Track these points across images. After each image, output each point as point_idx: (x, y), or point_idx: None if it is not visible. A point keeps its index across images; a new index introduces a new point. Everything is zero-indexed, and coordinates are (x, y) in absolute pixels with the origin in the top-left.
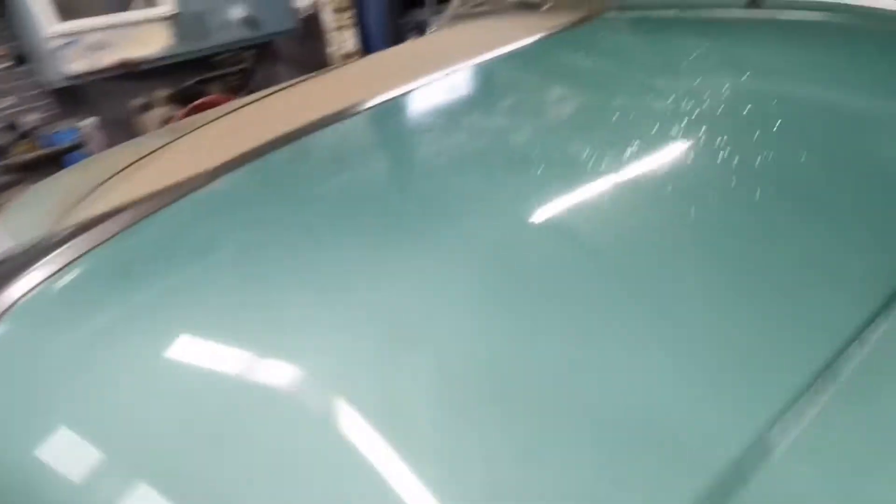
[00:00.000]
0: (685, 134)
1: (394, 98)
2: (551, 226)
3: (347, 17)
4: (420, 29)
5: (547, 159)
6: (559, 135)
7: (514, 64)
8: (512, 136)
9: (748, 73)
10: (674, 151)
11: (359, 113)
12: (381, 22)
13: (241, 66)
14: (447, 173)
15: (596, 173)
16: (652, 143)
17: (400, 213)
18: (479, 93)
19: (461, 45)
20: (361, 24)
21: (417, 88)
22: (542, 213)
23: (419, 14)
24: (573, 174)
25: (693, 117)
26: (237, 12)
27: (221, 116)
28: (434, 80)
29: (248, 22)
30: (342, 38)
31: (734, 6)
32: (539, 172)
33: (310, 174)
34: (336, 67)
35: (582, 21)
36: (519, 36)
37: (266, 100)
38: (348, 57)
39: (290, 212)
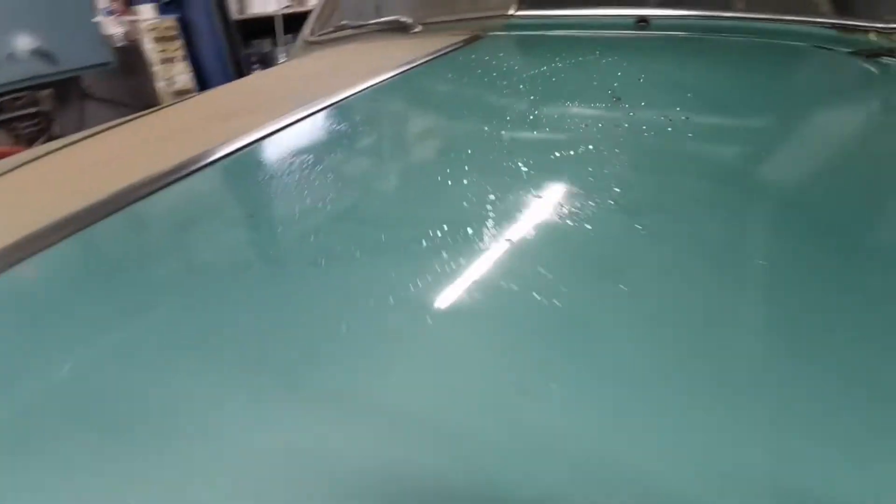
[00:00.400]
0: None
1: (245, 147)
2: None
3: (175, 49)
4: (266, 62)
5: (461, 228)
6: (471, 194)
7: (399, 92)
8: (412, 198)
9: (652, 93)
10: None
11: (198, 170)
12: (218, 54)
13: (36, 109)
14: (336, 265)
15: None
16: (568, 195)
17: (273, 338)
18: (364, 134)
19: (326, 75)
20: (194, 57)
21: (278, 132)
22: (462, 315)
23: (264, 45)
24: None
25: (608, 141)
26: (24, 44)
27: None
28: (298, 120)
29: (42, 55)
30: (171, 73)
31: (623, 27)
32: (453, 247)
33: (132, 273)
34: (166, 107)
35: (469, 42)
36: (395, 62)
37: (69, 151)
38: (181, 94)
39: (93, 344)
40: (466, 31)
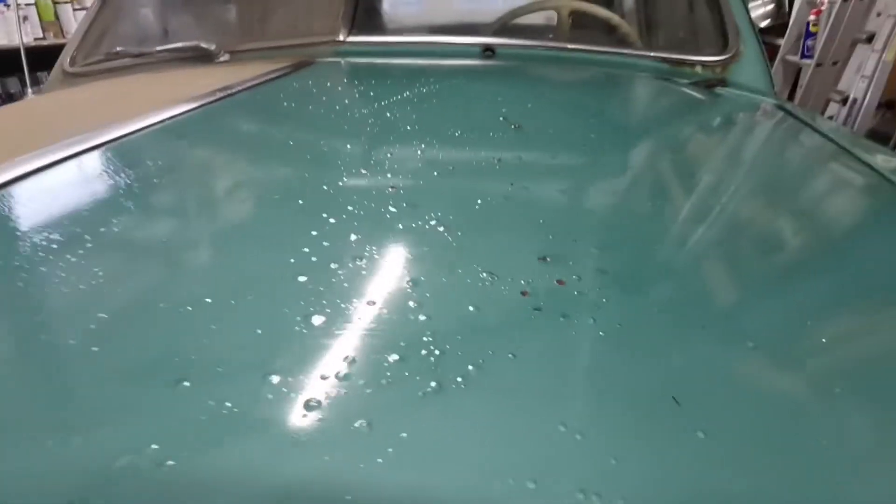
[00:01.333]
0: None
1: None
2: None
3: None
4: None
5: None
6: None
7: (194, 132)
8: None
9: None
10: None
11: None
12: None
13: None
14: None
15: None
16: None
17: None
18: (139, 191)
19: (86, 112)
20: None
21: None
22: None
23: (9, 84)
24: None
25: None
26: None
27: None
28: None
29: None
30: None
31: (469, 55)
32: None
33: None
34: None
35: (296, 69)
36: (195, 93)
37: None
38: None
39: None
40: (287, 58)
